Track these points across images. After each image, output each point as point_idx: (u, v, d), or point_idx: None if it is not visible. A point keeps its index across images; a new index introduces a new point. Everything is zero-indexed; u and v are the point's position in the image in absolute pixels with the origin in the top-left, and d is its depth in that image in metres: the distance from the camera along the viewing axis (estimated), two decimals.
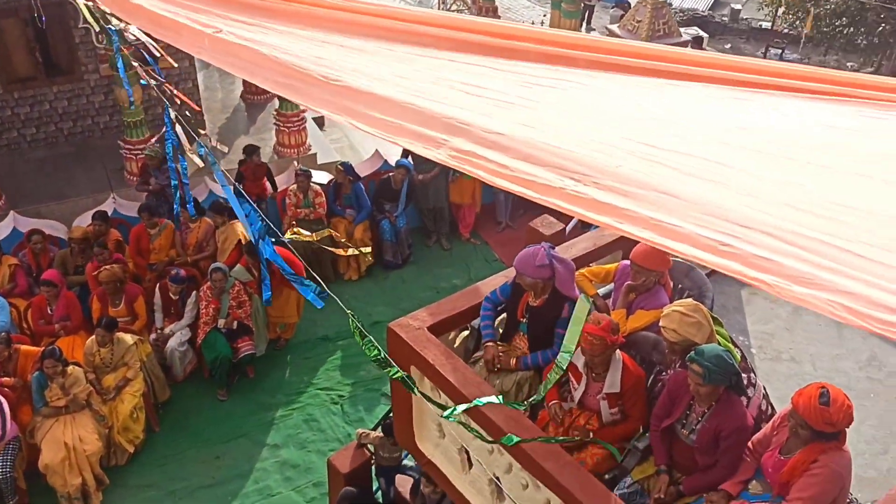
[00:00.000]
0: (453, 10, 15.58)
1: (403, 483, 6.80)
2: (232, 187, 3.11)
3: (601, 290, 5.33)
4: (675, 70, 2.61)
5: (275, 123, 11.79)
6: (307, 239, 3.94)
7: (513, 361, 5.03)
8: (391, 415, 6.62)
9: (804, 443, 3.79)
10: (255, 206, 3.23)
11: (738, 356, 4.46)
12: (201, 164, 3.48)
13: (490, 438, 2.70)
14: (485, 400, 2.59)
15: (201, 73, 13.05)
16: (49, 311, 8.35)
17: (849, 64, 19.61)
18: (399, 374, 2.60)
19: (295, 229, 4.15)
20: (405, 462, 6.85)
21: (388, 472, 6.87)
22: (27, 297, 8.64)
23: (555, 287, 4.95)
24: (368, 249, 4.39)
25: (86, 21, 10.21)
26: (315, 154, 11.98)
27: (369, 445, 6.86)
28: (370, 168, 11.18)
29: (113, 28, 4.49)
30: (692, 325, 4.28)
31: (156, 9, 3.83)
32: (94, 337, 7.90)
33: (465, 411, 2.61)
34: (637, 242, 5.08)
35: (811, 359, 5.95)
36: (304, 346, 9.60)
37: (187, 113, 6.00)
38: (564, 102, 2.38)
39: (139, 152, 10.52)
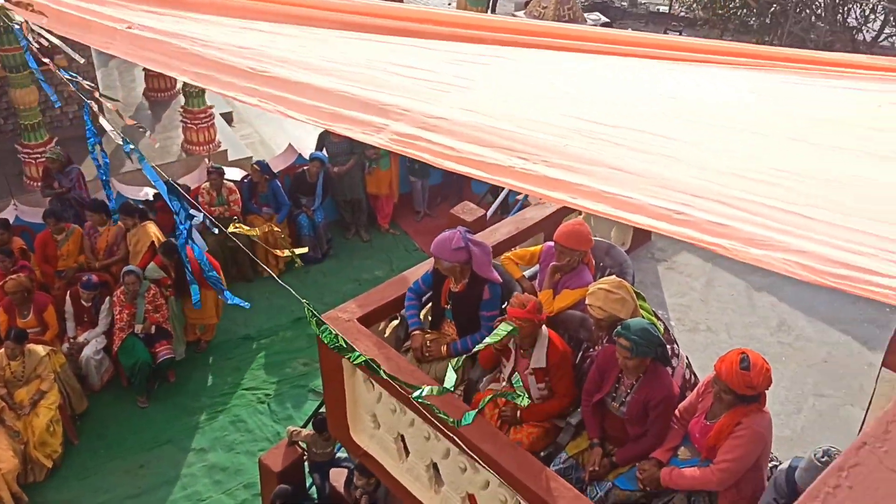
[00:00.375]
0: None
1: (337, 476, 6.77)
2: (164, 181, 3.02)
3: (527, 273, 5.42)
4: (594, 47, 2.68)
5: (182, 121, 11.46)
6: (250, 233, 3.86)
7: (443, 349, 5.05)
8: (322, 410, 6.58)
9: (728, 407, 3.95)
10: (193, 201, 3.15)
11: (662, 328, 4.61)
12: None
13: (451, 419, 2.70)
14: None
15: (100, 70, 12.56)
16: None
17: None
18: (362, 359, 2.58)
19: (237, 224, 4.05)
20: (339, 455, 6.83)
21: (322, 467, 6.83)
22: None
23: (473, 270, 4.99)
24: (305, 250, 4.33)
25: None
26: (226, 150, 11.71)
27: (301, 442, 6.80)
28: (284, 162, 11.01)
29: (17, 25, 4.27)
30: (617, 301, 4.40)
31: (63, 7, 3.66)
32: (2, 350, 7.57)
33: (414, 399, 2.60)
34: (559, 224, 5.18)
35: (726, 328, 6.16)
36: (225, 347, 9.43)
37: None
38: (497, 82, 2.41)
39: (39, 156, 10.09)
